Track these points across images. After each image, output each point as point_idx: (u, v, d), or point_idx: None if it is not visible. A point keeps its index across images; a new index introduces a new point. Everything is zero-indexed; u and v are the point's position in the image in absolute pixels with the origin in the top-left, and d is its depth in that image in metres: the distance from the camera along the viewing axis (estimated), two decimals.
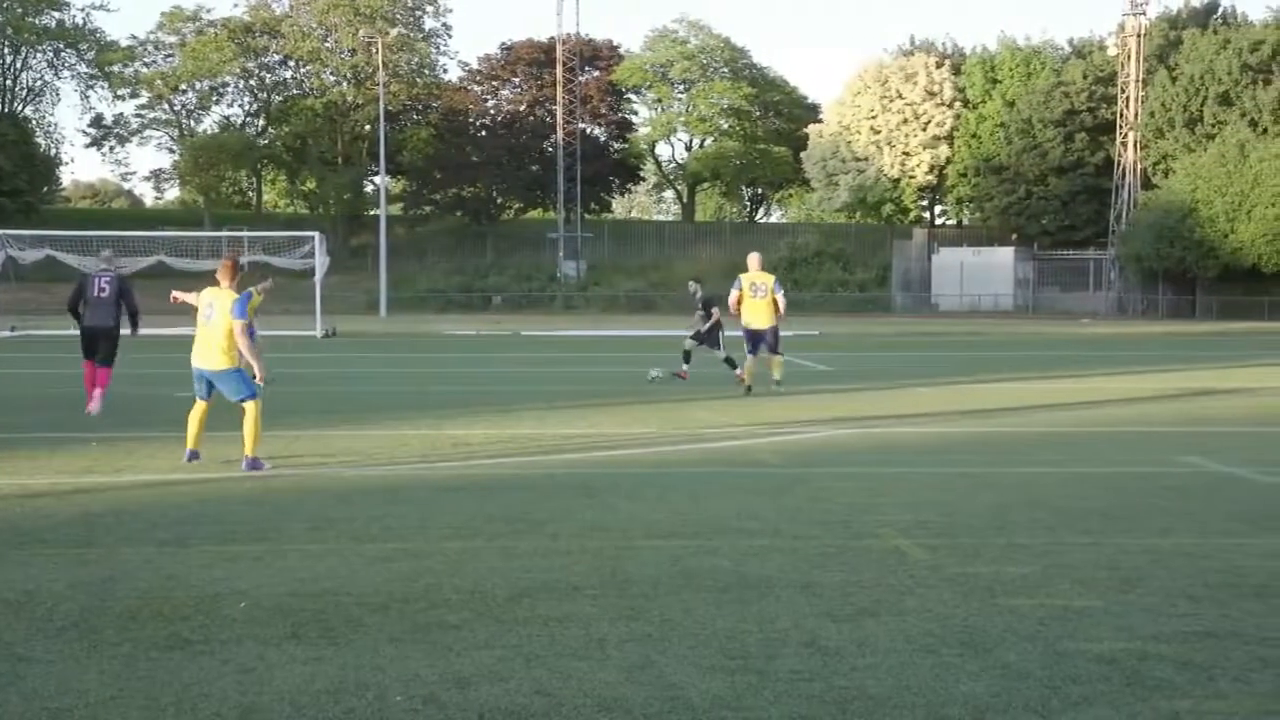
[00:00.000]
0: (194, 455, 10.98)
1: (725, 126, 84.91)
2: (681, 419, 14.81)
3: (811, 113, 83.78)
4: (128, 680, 4.98)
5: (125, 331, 15.61)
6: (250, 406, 10.68)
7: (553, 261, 73.70)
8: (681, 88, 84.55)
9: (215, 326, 10.75)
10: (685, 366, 19.79)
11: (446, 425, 14.02)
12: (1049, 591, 6.52)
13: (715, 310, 19.94)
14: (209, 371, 10.88)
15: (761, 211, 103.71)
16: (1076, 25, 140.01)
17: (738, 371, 18.38)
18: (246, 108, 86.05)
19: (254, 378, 10.95)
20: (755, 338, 17.90)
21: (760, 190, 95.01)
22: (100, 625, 5.74)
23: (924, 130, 72.45)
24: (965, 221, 79.41)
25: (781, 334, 18.55)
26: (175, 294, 11.83)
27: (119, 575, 6.73)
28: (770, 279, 18.06)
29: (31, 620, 5.81)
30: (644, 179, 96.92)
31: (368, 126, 79.13)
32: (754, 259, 18.41)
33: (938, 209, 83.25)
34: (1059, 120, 67.31)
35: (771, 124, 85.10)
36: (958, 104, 73.22)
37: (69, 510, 8.70)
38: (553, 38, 78.59)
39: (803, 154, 77.06)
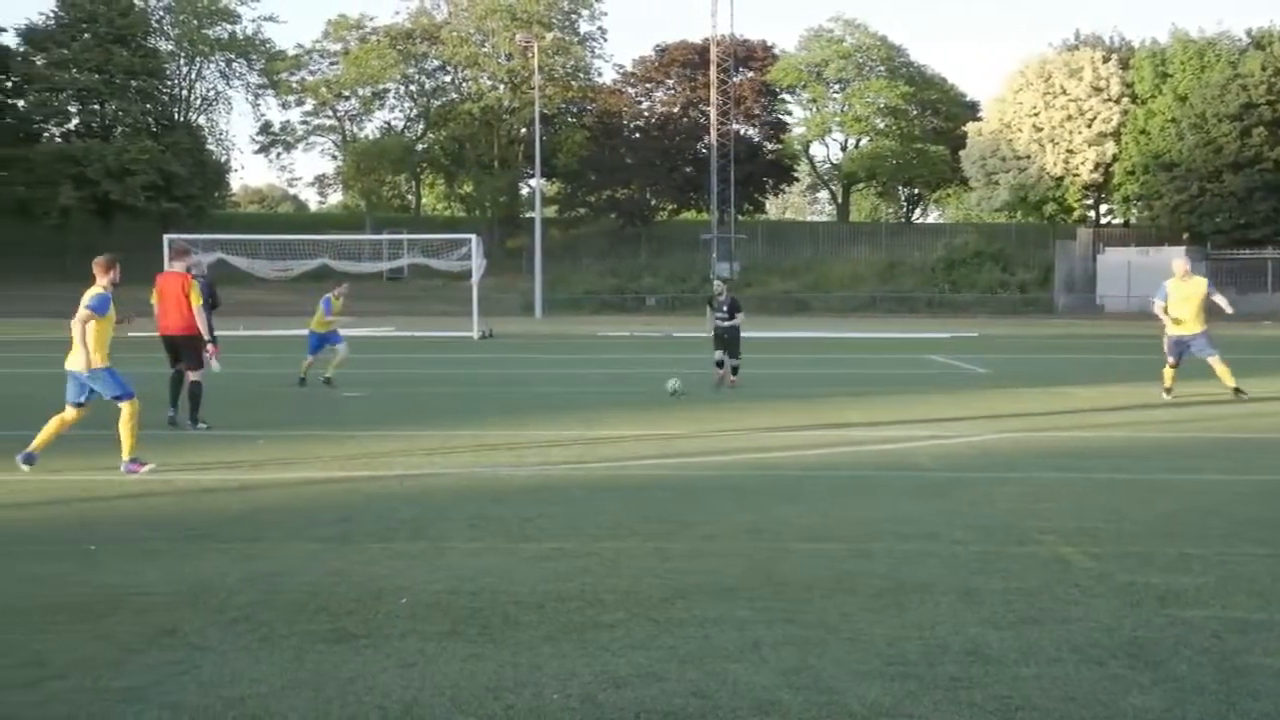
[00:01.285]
0: (30, 459, 10.33)
1: (881, 126, 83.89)
2: (834, 420, 14.66)
3: (970, 110, 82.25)
4: (296, 671, 5.12)
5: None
6: (126, 406, 10.38)
7: (706, 263, 73.69)
8: (837, 87, 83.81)
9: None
10: (724, 372, 19.22)
11: (600, 425, 14.11)
12: (1224, 603, 6.26)
13: (740, 314, 19.52)
14: (80, 374, 10.36)
15: (918, 212, 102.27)
16: (1255, 16, 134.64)
17: (720, 372, 18.75)
18: (406, 113, 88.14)
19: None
20: (1181, 345, 16.78)
21: (917, 190, 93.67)
22: (269, 618, 5.91)
23: (1089, 127, 70.44)
24: (1133, 220, 76.93)
25: (940, 337, 18.12)
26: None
27: (286, 570, 6.92)
28: (1203, 283, 17.05)
29: (205, 612, 6.01)
30: (798, 179, 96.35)
31: (523, 130, 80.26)
32: (1179, 264, 17.21)
33: (1103, 208, 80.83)
34: (1235, 114, 64.72)
35: (929, 122, 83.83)
36: (1125, 99, 71.03)
37: (238, 506, 8.98)
38: (707, 39, 78.70)
39: (961, 153, 75.64)
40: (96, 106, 77.04)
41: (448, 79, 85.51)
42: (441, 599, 6.28)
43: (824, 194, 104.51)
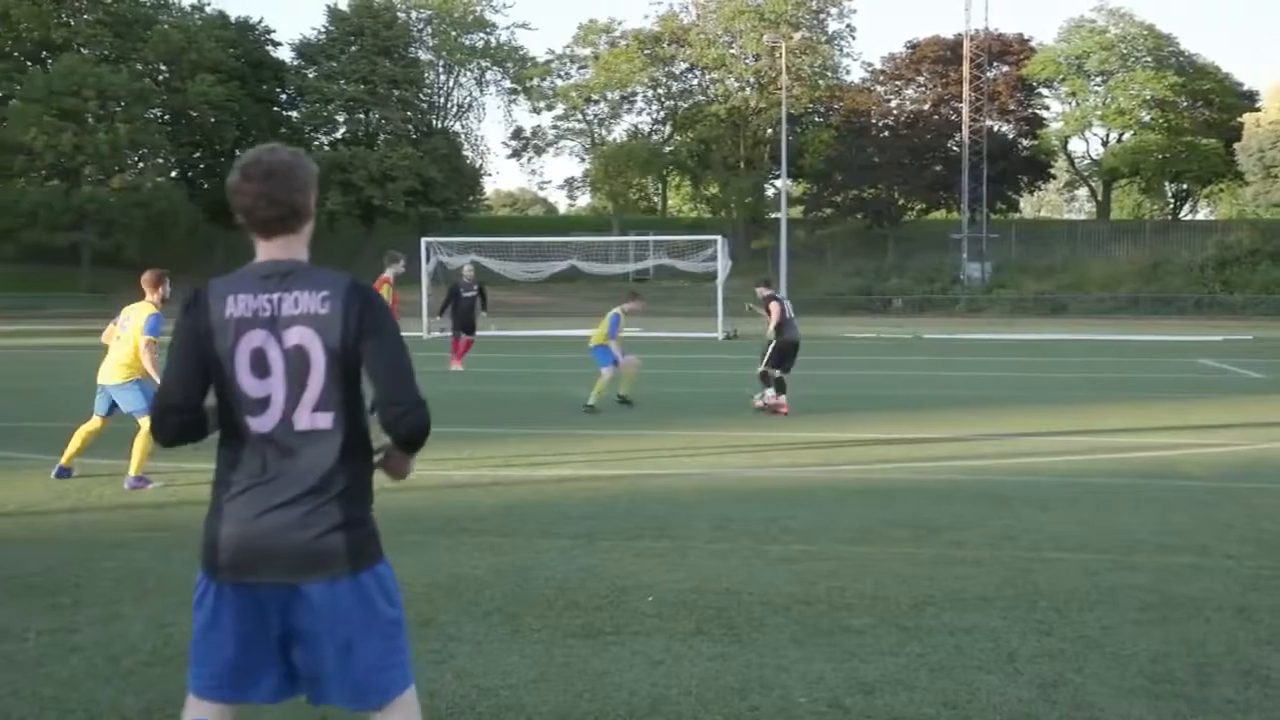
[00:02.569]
0: (65, 472, 10.26)
1: (1147, 119, 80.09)
2: (1094, 426, 14.08)
3: (1248, 100, 77.69)
4: (546, 665, 5.22)
5: None
6: (145, 422, 9.76)
7: (956, 263, 72.01)
8: (1099, 80, 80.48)
9: (126, 340, 10.14)
10: (777, 394, 15.97)
11: (846, 427, 13.94)
12: None
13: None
14: (110, 386, 10.22)
15: (1186, 209, 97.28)
16: None
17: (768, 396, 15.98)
18: (653, 116, 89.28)
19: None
20: None
21: (1185, 186, 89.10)
22: (520, 611, 6.05)
23: None
24: None
25: (1210, 339, 17.19)
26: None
27: (536, 565, 7.08)
28: None
29: (460, 603, 6.20)
30: (1054, 176, 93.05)
31: (769, 130, 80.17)
32: None
33: None
34: None
35: (1200, 114, 79.55)
36: None
37: (490, 501, 9.24)
38: (959, 34, 76.86)
39: (1236, 145, 71.50)
40: (362, 116, 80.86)
41: (694, 81, 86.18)
42: (687, 598, 6.31)
43: (1082, 191, 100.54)
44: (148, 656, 5.26)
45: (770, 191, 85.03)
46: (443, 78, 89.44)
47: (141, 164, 71.83)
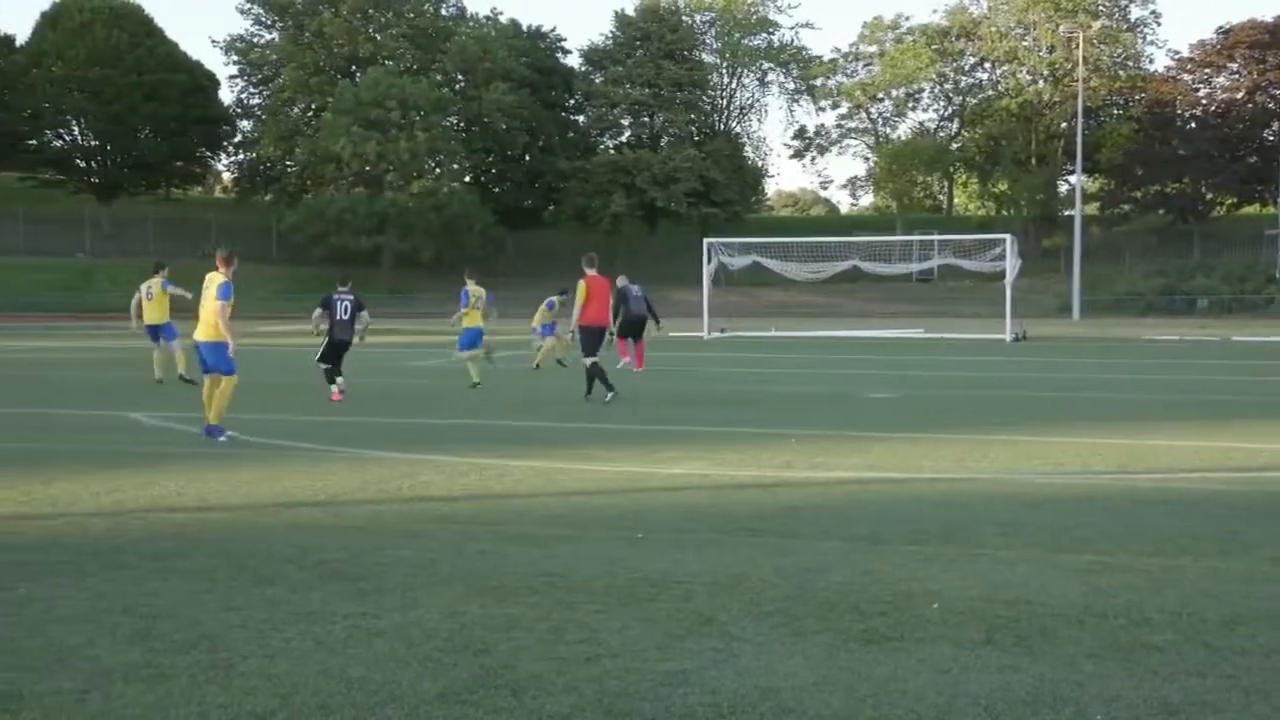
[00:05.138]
0: (215, 430, 12.54)
1: None
2: None
3: None
4: (829, 669, 5.14)
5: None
6: (226, 381, 12.52)
7: (1271, 261, 67.49)
8: None
9: (206, 304, 12.61)
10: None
11: (1146, 434, 13.25)
12: None
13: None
14: (200, 342, 12.67)
15: None
16: None
17: None
18: (940, 112, 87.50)
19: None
20: None
21: None
22: (802, 613, 5.99)
23: None
24: None
25: None
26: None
27: (817, 566, 7.00)
28: None
29: (741, 603, 6.18)
30: None
31: (1063, 124, 77.30)
32: None
33: None
34: None
35: None
36: None
37: (772, 501, 9.20)
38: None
39: None
40: (646, 119, 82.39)
41: (984, 75, 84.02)
42: (975, 606, 6.10)
43: None
44: (443, 643, 5.47)
45: (1063, 188, 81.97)
46: (725, 79, 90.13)
47: (438, 169, 75.31)
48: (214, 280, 12.67)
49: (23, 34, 78.02)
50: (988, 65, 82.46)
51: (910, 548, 7.50)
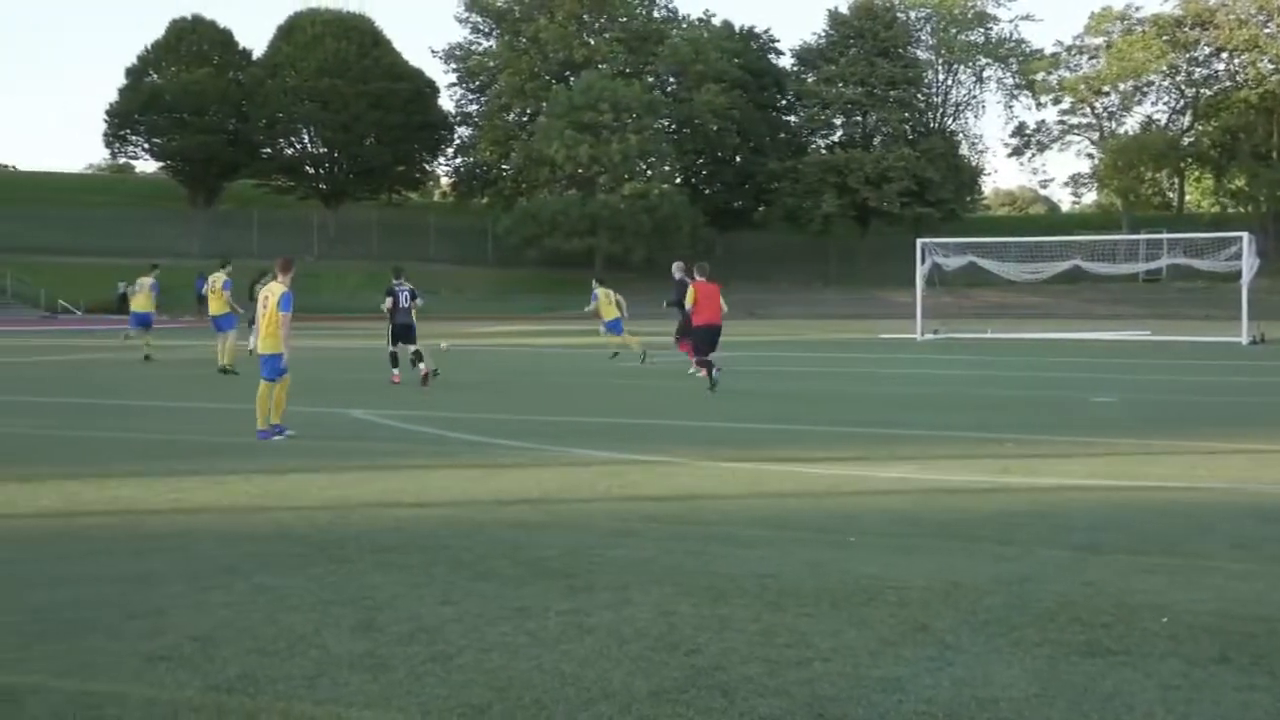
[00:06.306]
0: (272, 431, 12.66)
1: None
2: None
3: None
4: (1049, 681, 4.97)
5: None
6: (278, 387, 12.67)
7: None
8: None
9: (269, 316, 12.57)
10: None
11: None
12: None
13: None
14: (262, 355, 12.79)
15: None
16: None
17: None
18: (1170, 105, 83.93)
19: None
20: None
21: None
22: (1020, 623, 5.81)
23: None
24: None
25: None
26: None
27: (1036, 575, 6.78)
28: None
29: (957, 610, 6.03)
30: None
31: None
32: None
33: None
34: None
35: None
36: None
37: (987, 507, 8.96)
38: None
39: None
40: (859, 118, 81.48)
41: (1220, 66, 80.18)
42: (1206, 621, 5.81)
43: None
44: (654, 642, 5.49)
45: None
46: (940, 76, 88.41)
47: (649, 171, 76.04)
48: (275, 291, 12.68)
49: (259, 48, 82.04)
50: (1225, 55, 78.69)
51: (1134, 558, 7.19)
